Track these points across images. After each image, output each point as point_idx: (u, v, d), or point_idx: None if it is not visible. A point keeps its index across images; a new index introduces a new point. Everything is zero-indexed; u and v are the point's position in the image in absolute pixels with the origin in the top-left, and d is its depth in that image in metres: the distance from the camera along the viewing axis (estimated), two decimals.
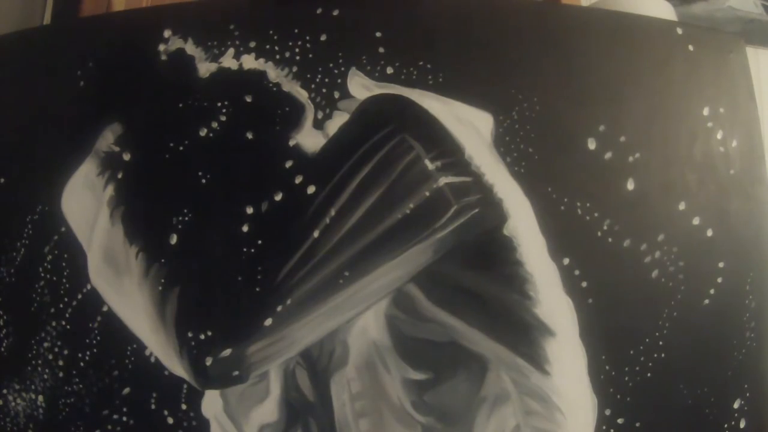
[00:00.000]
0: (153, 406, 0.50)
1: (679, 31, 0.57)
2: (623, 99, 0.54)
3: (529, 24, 0.56)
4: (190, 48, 0.55)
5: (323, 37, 0.55)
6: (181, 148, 0.54)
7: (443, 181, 0.51)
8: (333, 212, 0.51)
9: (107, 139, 0.55)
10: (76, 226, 0.54)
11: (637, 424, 0.50)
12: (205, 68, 0.55)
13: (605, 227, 0.52)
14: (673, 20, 0.72)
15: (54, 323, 0.52)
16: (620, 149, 0.53)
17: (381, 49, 0.54)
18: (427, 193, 0.51)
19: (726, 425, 0.51)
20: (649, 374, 0.50)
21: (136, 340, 0.51)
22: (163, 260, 0.52)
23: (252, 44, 0.55)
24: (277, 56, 0.54)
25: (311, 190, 0.52)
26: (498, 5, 0.56)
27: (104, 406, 0.50)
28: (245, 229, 0.51)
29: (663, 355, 0.50)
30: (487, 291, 0.50)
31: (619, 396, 0.50)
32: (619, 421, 0.49)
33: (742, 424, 0.51)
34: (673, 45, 0.56)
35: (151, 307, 0.51)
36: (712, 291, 0.52)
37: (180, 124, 0.54)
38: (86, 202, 0.54)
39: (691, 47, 0.56)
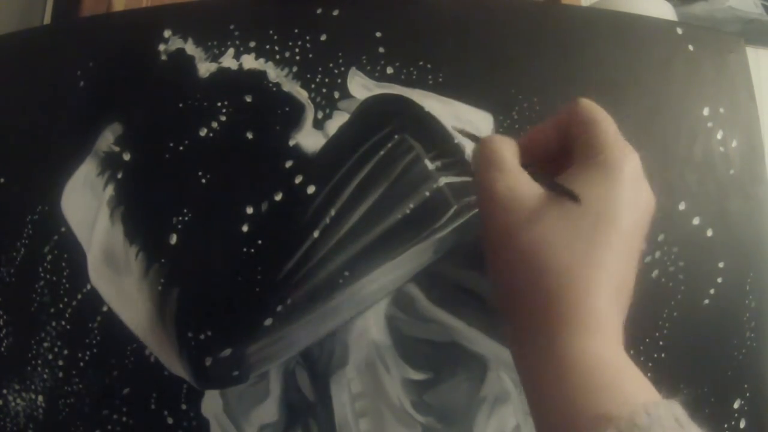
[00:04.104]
0: (153, 406, 0.50)
1: (679, 31, 0.57)
2: (623, 99, 0.54)
3: (529, 24, 0.56)
4: (190, 48, 0.55)
5: (323, 37, 0.55)
6: (181, 148, 0.54)
7: (443, 181, 0.51)
8: (333, 212, 0.51)
9: (107, 139, 0.55)
10: (76, 226, 0.54)
11: None
12: (205, 68, 0.55)
13: None
14: (673, 20, 0.72)
15: (54, 323, 0.52)
16: None
17: (381, 49, 0.54)
18: (427, 193, 0.51)
19: (726, 425, 0.51)
20: (648, 374, 0.50)
21: (136, 340, 0.51)
22: (163, 260, 0.52)
23: (252, 44, 0.55)
24: (277, 56, 0.54)
25: (311, 190, 0.52)
26: (498, 5, 0.56)
27: (104, 406, 0.50)
28: (245, 229, 0.51)
29: (663, 355, 0.50)
30: (487, 291, 0.50)
31: None
32: None
33: (742, 424, 0.51)
34: (673, 45, 0.56)
35: (151, 308, 0.51)
36: (712, 291, 0.52)
37: (180, 124, 0.54)
38: (86, 202, 0.54)
39: (691, 47, 0.56)
